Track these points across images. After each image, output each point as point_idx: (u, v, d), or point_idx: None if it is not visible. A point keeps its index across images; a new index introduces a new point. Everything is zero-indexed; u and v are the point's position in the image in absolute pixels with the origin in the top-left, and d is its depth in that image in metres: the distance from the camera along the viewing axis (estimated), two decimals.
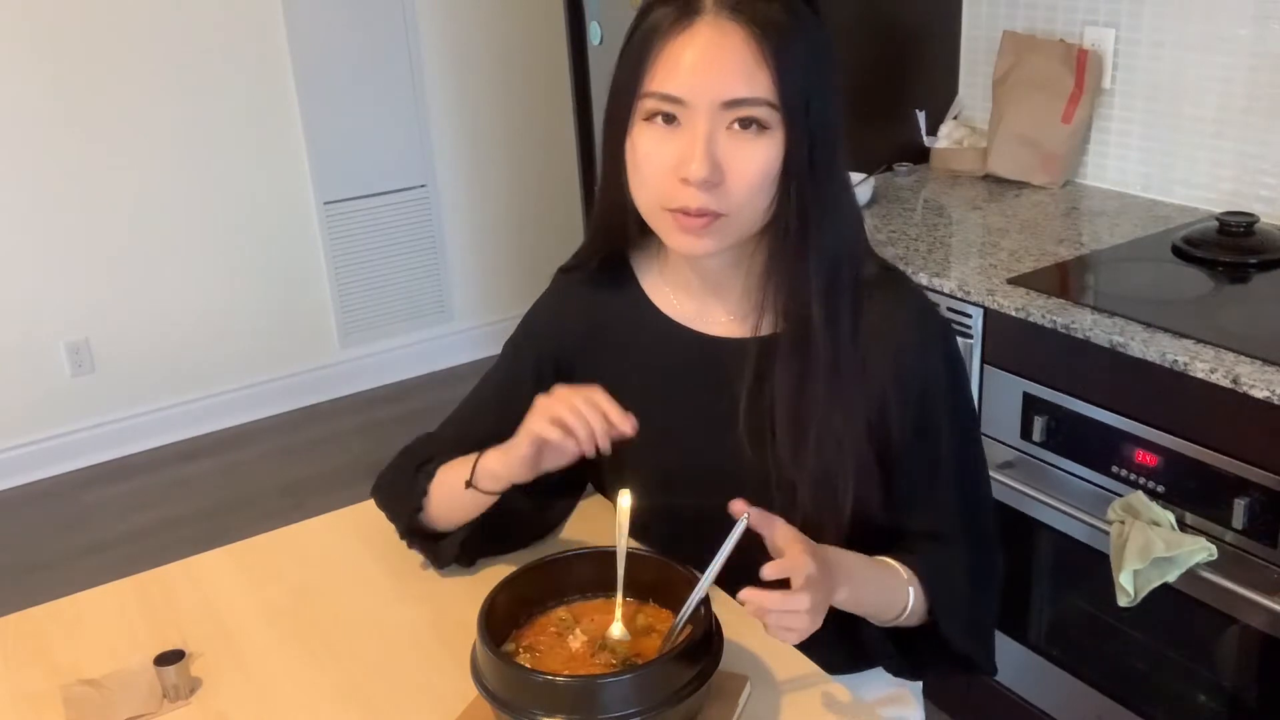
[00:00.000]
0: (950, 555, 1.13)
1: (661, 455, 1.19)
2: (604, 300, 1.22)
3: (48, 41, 3.06)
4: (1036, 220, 2.21)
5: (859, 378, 1.09)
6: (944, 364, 1.14)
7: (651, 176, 1.04)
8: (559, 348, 1.23)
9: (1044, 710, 1.97)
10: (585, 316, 1.23)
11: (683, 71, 1.00)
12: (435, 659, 1.11)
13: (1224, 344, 1.59)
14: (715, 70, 0.99)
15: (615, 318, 1.21)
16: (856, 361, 1.09)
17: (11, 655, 1.16)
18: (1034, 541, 1.89)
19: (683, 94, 1.00)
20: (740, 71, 0.99)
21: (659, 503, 1.15)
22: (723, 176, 1.01)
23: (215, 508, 3.16)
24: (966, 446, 1.17)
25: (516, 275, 3.96)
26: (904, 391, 1.11)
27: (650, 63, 1.02)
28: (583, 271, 1.23)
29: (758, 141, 1.01)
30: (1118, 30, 2.26)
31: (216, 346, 3.52)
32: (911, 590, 1.09)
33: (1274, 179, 2.08)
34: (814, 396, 1.08)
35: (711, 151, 1.00)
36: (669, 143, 1.02)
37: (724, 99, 0.99)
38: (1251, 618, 1.60)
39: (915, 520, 1.14)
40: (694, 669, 0.95)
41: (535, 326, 1.27)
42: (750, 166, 1.01)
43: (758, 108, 1.00)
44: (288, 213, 3.53)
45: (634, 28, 1.05)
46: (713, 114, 1.00)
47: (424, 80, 3.63)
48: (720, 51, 0.99)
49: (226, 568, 1.30)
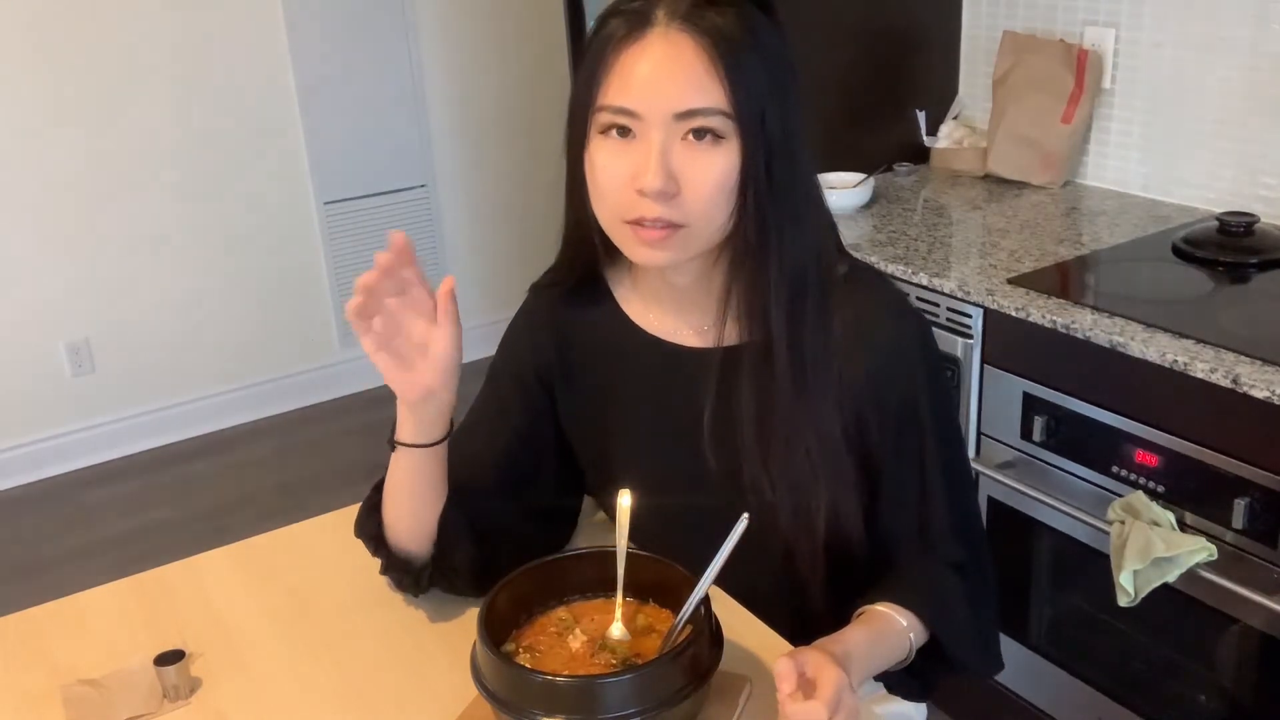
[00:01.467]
0: (944, 571, 1.12)
1: (646, 464, 1.19)
2: (578, 314, 1.21)
3: (48, 42, 3.06)
4: (1036, 220, 2.21)
5: (828, 386, 1.08)
6: (922, 364, 1.13)
7: (609, 190, 1.03)
8: (539, 364, 1.23)
9: (1044, 710, 1.97)
10: (561, 331, 1.22)
11: (635, 84, 0.99)
12: (435, 659, 1.11)
13: (1224, 344, 1.59)
14: (668, 81, 0.99)
15: (591, 331, 1.21)
16: (826, 370, 1.08)
17: (11, 655, 1.16)
18: (1034, 541, 1.89)
19: (636, 106, 0.99)
20: (692, 82, 0.98)
21: (647, 509, 1.15)
22: (678, 187, 1.00)
23: (215, 508, 3.16)
24: (949, 445, 1.16)
25: (516, 275, 3.92)
26: (882, 395, 1.10)
27: (603, 76, 1.01)
28: (557, 288, 1.22)
29: (713, 152, 1.00)
30: (1118, 30, 2.26)
31: (216, 346, 3.53)
32: (913, 636, 1.07)
33: (1274, 179, 2.08)
34: (778, 408, 1.07)
35: (666, 163, 1.00)
36: (624, 155, 1.01)
37: (677, 110, 0.99)
38: (1251, 618, 1.60)
39: (901, 525, 1.14)
40: (694, 669, 0.95)
41: (514, 346, 1.26)
42: (706, 176, 1.00)
43: (711, 118, 0.99)
44: (288, 213, 3.54)
45: (588, 42, 1.05)
46: (666, 125, 0.99)
47: (424, 80, 3.63)
48: (672, 63, 0.99)
49: (226, 568, 1.30)
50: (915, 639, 1.08)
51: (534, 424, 1.23)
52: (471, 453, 1.19)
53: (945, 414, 1.16)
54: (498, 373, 1.27)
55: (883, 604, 1.08)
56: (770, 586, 1.17)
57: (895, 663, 1.08)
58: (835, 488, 1.10)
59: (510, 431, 1.22)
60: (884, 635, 1.07)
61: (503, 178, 3.87)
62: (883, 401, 1.11)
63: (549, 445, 1.25)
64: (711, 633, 0.99)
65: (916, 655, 1.10)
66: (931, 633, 1.09)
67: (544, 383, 1.23)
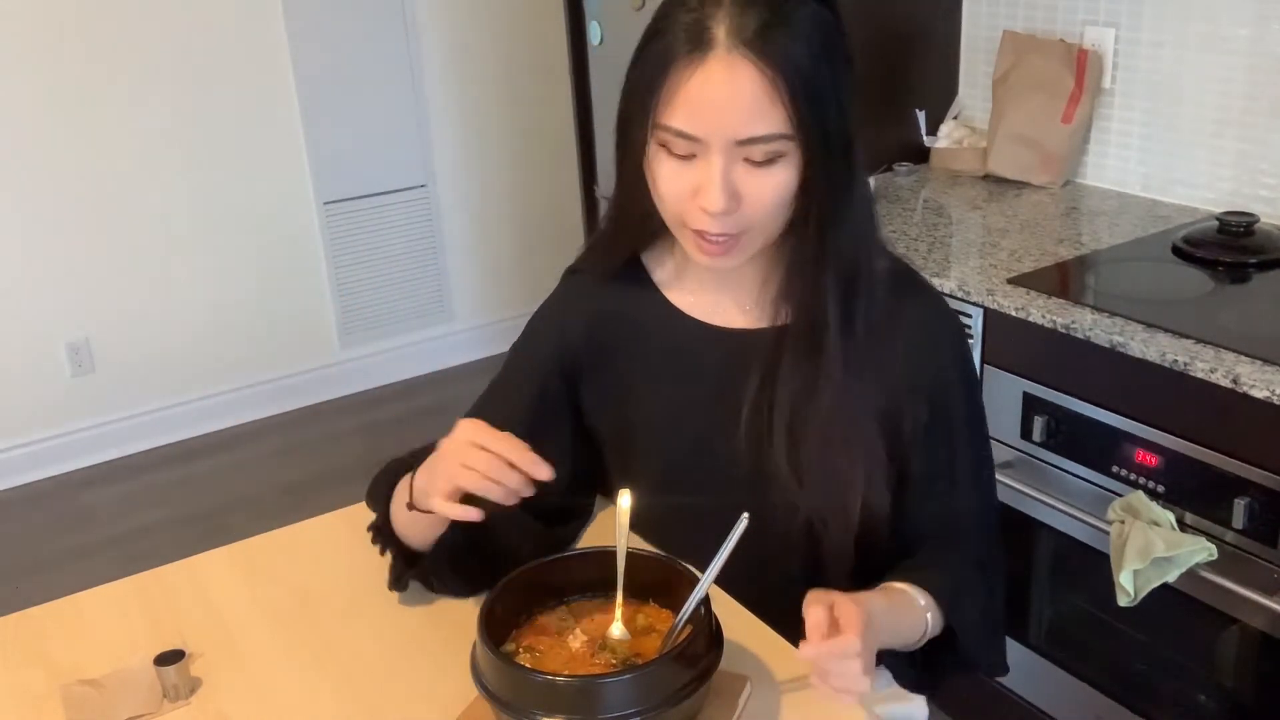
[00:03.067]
0: (966, 565, 1.13)
1: (670, 447, 1.19)
2: (615, 296, 1.21)
3: (48, 41, 3.06)
4: (1036, 220, 2.21)
5: (870, 375, 1.09)
6: (957, 361, 1.15)
7: (670, 199, 1.04)
8: (566, 349, 1.23)
9: (1044, 710, 1.97)
10: (595, 314, 1.22)
11: (696, 109, 0.99)
12: (435, 659, 1.11)
13: (1224, 344, 1.59)
14: (728, 110, 0.98)
15: (626, 312, 1.21)
16: (868, 359, 1.09)
17: (11, 655, 1.16)
18: (1034, 541, 1.89)
19: (697, 132, 0.99)
20: (754, 110, 0.98)
21: (666, 495, 1.15)
22: (739, 204, 1.01)
23: (215, 508, 3.16)
24: (977, 443, 1.17)
25: (516, 275, 3.96)
26: (917, 388, 1.12)
27: (663, 92, 1.00)
28: (595, 272, 1.22)
29: (774, 168, 1.01)
30: (1118, 30, 2.26)
31: (216, 346, 3.52)
32: (929, 616, 1.08)
33: (1274, 179, 2.08)
34: (821, 394, 1.08)
35: (728, 184, 1.00)
36: (686, 171, 1.02)
37: (739, 138, 0.98)
38: (1251, 618, 1.60)
39: (927, 517, 1.15)
40: (694, 669, 0.95)
41: (542, 329, 1.26)
42: (767, 193, 1.01)
43: (773, 143, 0.99)
44: (288, 213, 3.53)
45: (647, 37, 1.03)
46: (728, 149, 0.99)
47: (424, 80, 3.63)
48: (733, 90, 0.97)
49: (226, 568, 1.30)
50: (932, 622, 1.08)
51: (547, 422, 1.23)
52: None
53: (976, 413, 1.18)
54: (522, 353, 1.27)
55: (903, 583, 1.09)
56: (787, 583, 1.17)
57: (907, 642, 1.08)
58: (871, 476, 1.11)
59: (523, 417, 1.22)
60: (902, 608, 1.07)
61: (503, 178, 3.87)
62: (916, 394, 1.12)
63: (563, 445, 1.24)
64: (711, 633, 0.99)
65: (927, 646, 1.10)
66: (947, 623, 1.10)
67: (566, 374, 1.23)
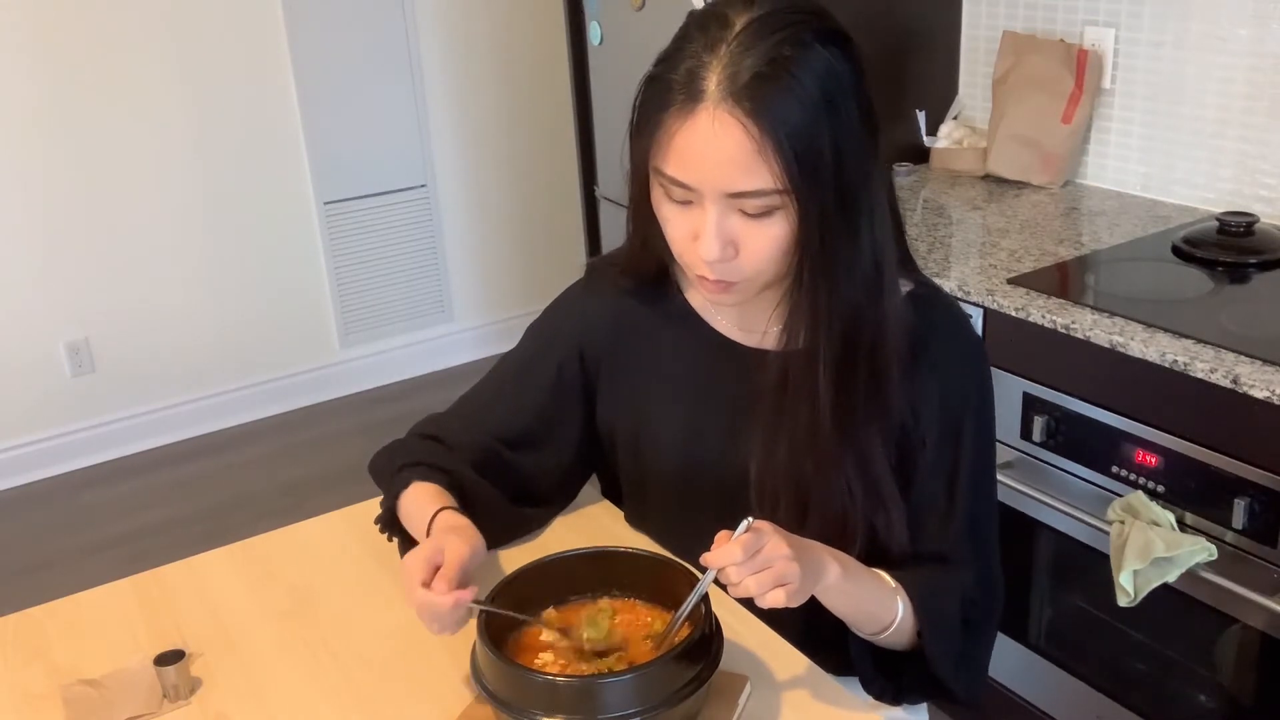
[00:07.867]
0: (951, 580, 1.12)
1: (683, 453, 1.19)
2: (640, 296, 1.22)
3: (47, 41, 3.06)
4: (1036, 220, 2.21)
5: (881, 400, 1.08)
6: (977, 389, 1.14)
7: (673, 240, 1.05)
8: (586, 339, 1.24)
9: (1044, 710, 1.97)
10: (618, 310, 1.23)
11: (686, 161, 0.98)
12: (435, 659, 1.11)
13: (1224, 344, 1.59)
14: (716, 165, 0.97)
15: (649, 315, 1.22)
16: (880, 383, 1.07)
17: (11, 655, 1.16)
18: (1034, 541, 1.89)
19: (689, 182, 0.99)
20: (741, 167, 0.96)
21: (674, 504, 1.14)
22: (736, 251, 1.01)
23: (215, 508, 3.16)
24: (983, 471, 1.16)
25: (516, 275, 3.96)
26: (930, 411, 1.10)
27: (659, 139, 1.00)
28: (628, 278, 1.22)
29: (770, 220, 1.00)
30: (1118, 30, 2.26)
31: (216, 346, 3.53)
32: (900, 604, 1.07)
33: (1274, 179, 2.08)
34: (830, 416, 1.07)
35: (723, 233, 1.00)
36: (686, 216, 1.02)
37: (728, 191, 0.98)
38: (1251, 618, 1.60)
39: (923, 541, 1.13)
40: (694, 669, 0.95)
41: (564, 315, 1.27)
42: (763, 245, 1.01)
43: (763, 198, 0.98)
44: (288, 213, 3.53)
45: (657, 65, 1.02)
46: (721, 201, 0.99)
47: (424, 80, 3.63)
48: (719, 146, 0.96)
49: (226, 568, 1.30)
50: (901, 611, 1.07)
51: (560, 404, 1.25)
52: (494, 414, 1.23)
53: (986, 441, 1.16)
54: (541, 336, 1.27)
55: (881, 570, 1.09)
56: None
57: (872, 614, 1.06)
58: (874, 505, 1.09)
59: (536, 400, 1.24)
60: (871, 577, 1.07)
61: (503, 178, 3.87)
62: (930, 418, 1.11)
63: (570, 435, 1.26)
64: (711, 633, 0.99)
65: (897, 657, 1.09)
66: (919, 626, 1.09)
67: (586, 356, 1.24)
